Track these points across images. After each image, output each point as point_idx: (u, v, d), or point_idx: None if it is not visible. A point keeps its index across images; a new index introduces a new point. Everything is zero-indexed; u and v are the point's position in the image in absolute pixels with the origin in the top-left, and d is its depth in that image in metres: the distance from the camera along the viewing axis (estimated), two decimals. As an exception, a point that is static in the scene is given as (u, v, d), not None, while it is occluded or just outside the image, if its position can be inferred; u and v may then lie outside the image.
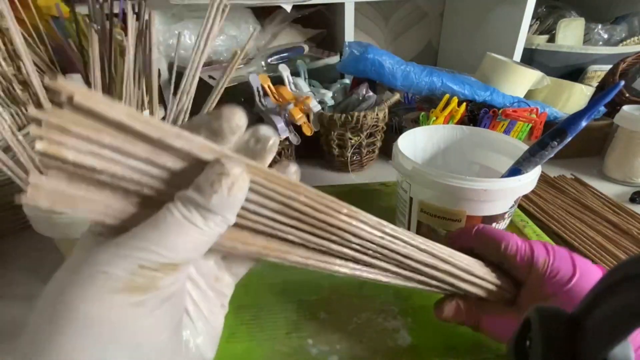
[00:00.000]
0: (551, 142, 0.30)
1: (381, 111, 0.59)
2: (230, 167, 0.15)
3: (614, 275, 0.15)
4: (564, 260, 0.25)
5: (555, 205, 0.51)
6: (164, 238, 0.14)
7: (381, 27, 0.99)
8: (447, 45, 1.01)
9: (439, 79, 0.60)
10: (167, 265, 0.15)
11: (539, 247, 0.26)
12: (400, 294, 0.35)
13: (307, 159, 0.68)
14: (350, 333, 0.32)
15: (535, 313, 0.17)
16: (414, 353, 0.30)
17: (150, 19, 0.35)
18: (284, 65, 0.62)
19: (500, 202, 0.33)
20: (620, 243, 0.43)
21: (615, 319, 0.14)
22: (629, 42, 0.81)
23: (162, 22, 0.65)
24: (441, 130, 0.44)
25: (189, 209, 0.15)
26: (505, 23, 0.76)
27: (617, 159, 0.60)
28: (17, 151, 0.29)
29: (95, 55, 0.37)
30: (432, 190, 0.34)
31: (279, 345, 0.31)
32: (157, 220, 0.15)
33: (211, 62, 0.70)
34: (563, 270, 0.24)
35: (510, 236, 0.27)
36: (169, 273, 0.15)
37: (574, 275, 0.24)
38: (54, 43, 0.53)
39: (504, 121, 0.57)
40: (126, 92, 0.37)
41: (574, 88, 0.69)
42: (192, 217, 0.15)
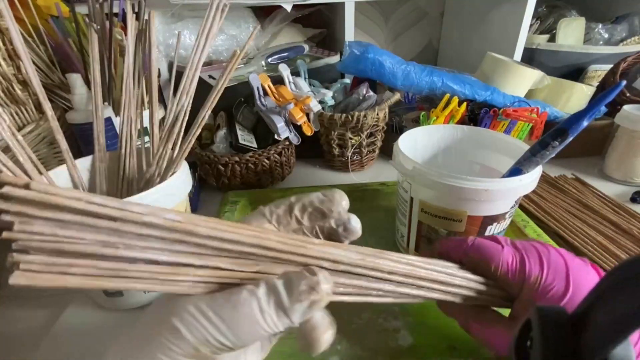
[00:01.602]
0: (552, 142, 0.30)
1: (381, 111, 0.59)
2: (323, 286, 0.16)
3: (614, 275, 0.15)
4: (558, 276, 0.24)
5: (556, 205, 0.51)
6: (236, 323, 0.16)
7: (381, 27, 0.99)
8: (448, 44, 1.01)
9: (439, 79, 0.60)
10: (228, 348, 0.16)
11: (533, 261, 0.25)
12: (401, 294, 0.35)
13: (307, 159, 0.68)
14: (351, 333, 0.31)
15: (535, 313, 0.17)
16: (414, 353, 0.30)
17: (150, 19, 0.34)
18: (284, 64, 0.62)
19: (501, 202, 0.33)
20: (620, 243, 0.43)
21: (616, 319, 0.14)
22: (630, 41, 0.81)
23: (162, 22, 0.65)
24: (442, 130, 0.44)
25: (268, 302, 0.16)
26: (506, 22, 0.76)
27: (617, 158, 0.59)
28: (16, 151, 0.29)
29: (95, 55, 0.37)
30: (433, 190, 0.34)
31: (279, 345, 0.30)
32: (237, 301, 0.16)
33: (211, 61, 0.70)
34: (556, 287, 0.23)
35: (499, 254, 0.25)
36: (225, 352, 0.16)
37: (566, 292, 0.23)
38: (54, 43, 0.53)
39: (504, 121, 0.57)
40: (126, 92, 0.37)
41: (575, 88, 0.68)
42: (267, 312, 0.16)
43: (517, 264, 0.25)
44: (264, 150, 0.56)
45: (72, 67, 0.52)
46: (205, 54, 0.33)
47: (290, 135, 0.57)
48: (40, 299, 0.39)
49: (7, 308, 0.38)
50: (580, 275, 0.24)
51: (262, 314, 0.16)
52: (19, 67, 0.45)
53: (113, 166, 0.39)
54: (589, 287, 0.23)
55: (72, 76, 0.45)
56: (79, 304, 0.37)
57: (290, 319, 0.16)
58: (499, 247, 0.26)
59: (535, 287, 0.24)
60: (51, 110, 0.32)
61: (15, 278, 0.13)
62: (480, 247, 0.26)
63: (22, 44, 0.29)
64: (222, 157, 0.54)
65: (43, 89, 0.31)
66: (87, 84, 0.48)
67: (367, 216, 0.48)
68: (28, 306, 0.38)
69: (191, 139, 0.34)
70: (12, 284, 0.13)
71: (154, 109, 0.36)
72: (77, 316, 0.36)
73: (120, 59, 0.50)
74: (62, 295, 0.39)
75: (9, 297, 0.40)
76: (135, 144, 0.39)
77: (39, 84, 0.31)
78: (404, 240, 0.40)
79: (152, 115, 0.36)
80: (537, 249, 0.25)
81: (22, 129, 0.46)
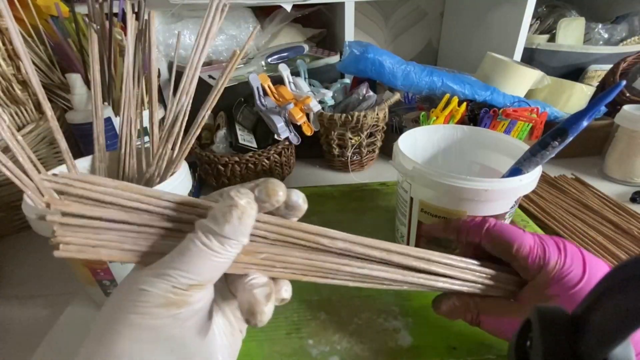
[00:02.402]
0: (552, 142, 0.30)
1: (381, 111, 0.59)
2: (238, 199, 0.18)
3: (615, 275, 0.15)
4: (576, 262, 0.24)
5: (556, 205, 0.51)
6: (190, 265, 0.18)
7: (381, 27, 0.99)
8: (447, 44, 1.01)
9: (439, 79, 0.60)
10: (195, 285, 0.18)
11: (552, 247, 0.25)
12: (401, 294, 0.35)
13: (307, 159, 0.68)
14: (350, 333, 0.31)
15: (535, 313, 0.17)
16: (414, 353, 0.30)
17: (149, 19, 0.34)
18: (284, 64, 0.62)
19: (501, 202, 0.33)
20: (620, 243, 0.43)
21: (616, 319, 0.14)
22: (630, 41, 0.81)
23: (161, 22, 0.65)
24: (441, 130, 0.44)
25: (208, 237, 0.18)
26: (506, 22, 0.76)
27: (617, 158, 0.59)
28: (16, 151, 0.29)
29: (94, 55, 0.37)
30: (433, 190, 0.34)
31: (280, 346, 0.30)
32: (183, 249, 0.18)
33: (211, 61, 0.70)
34: (573, 273, 0.24)
35: (522, 236, 0.26)
36: (197, 291, 0.18)
37: (582, 279, 0.24)
38: (54, 43, 0.53)
39: (504, 121, 0.57)
40: (126, 92, 0.37)
41: (575, 88, 0.68)
42: (211, 244, 0.18)
43: (539, 248, 0.25)
44: (263, 150, 0.56)
45: (72, 67, 0.52)
46: (205, 54, 0.33)
47: (290, 135, 0.57)
48: (40, 298, 0.39)
49: (7, 308, 0.38)
50: (596, 265, 0.25)
51: (208, 247, 0.18)
52: (18, 67, 0.45)
53: (113, 166, 0.39)
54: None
55: (71, 76, 0.45)
56: (79, 304, 0.37)
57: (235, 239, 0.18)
58: (520, 230, 0.27)
59: (554, 272, 0.24)
60: (51, 110, 0.32)
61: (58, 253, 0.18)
62: (503, 228, 0.27)
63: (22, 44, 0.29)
64: (222, 157, 0.54)
65: (43, 89, 0.31)
66: (87, 84, 0.48)
67: (367, 216, 0.48)
68: (28, 306, 0.38)
69: (191, 139, 0.34)
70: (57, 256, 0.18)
71: (154, 109, 0.36)
72: (77, 316, 0.36)
73: (120, 59, 0.50)
74: (62, 295, 0.39)
75: (9, 297, 0.40)
76: (135, 144, 0.39)
77: (39, 84, 0.31)
78: (403, 240, 0.40)
79: (152, 115, 0.36)
80: (552, 238, 0.26)
81: (22, 129, 0.46)
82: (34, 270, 0.43)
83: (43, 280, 0.42)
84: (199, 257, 0.18)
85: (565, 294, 0.24)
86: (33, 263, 0.44)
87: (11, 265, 0.44)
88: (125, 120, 0.38)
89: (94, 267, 0.32)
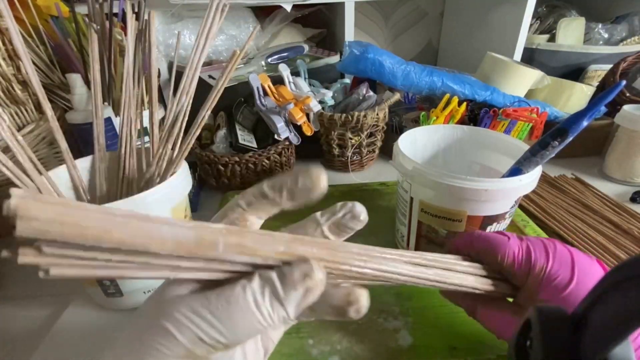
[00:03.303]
0: (552, 142, 0.30)
1: (381, 111, 0.59)
2: (317, 273, 0.16)
3: (614, 275, 0.15)
4: (564, 266, 0.24)
5: (556, 205, 0.51)
6: (230, 319, 0.15)
7: (381, 27, 0.99)
8: (448, 44, 1.01)
9: (439, 79, 0.60)
10: (222, 344, 0.16)
11: (539, 251, 0.25)
12: (401, 294, 0.35)
13: (307, 159, 0.68)
14: (351, 333, 0.31)
15: (535, 313, 0.17)
16: (414, 353, 0.30)
17: (149, 19, 0.34)
18: (284, 64, 0.62)
19: (501, 202, 0.33)
20: (620, 243, 0.43)
21: (616, 319, 0.14)
22: (630, 41, 0.81)
23: (161, 22, 0.65)
24: (441, 130, 0.44)
25: (263, 294, 0.16)
26: (506, 22, 0.76)
27: (617, 158, 0.59)
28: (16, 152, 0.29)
29: (95, 55, 0.37)
30: (433, 190, 0.34)
31: (280, 346, 0.30)
32: (231, 296, 0.16)
33: (211, 61, 0.70)
34: (561, 277, 0.24)
35: (505, 245, 0.26)
36: (220, 350, 0.16)
37: (571, 282, 0.23)
38: (54, 43, 0.53)
39: (504, 121, 0.57)
40: (126, 92, 0.37)
41: (575, 87, 0.68)
42: (263, 304, 0.16)
43: (523, 254, 0.25)
44: (263, 150, 0.56)
45: (72, 67, 0.52)
46: (205, 54, 0.33)
47: (290, 135, 0.57)
48: (40, 298, 0.39)
49: (7, 308, 0.38)
50: (585, 266, 0.24)
51: (257, 306, 0.16)
52: (18, 67, 0.45)
53: (113, 166, 0.39)
54: (593, 279, 0.23)
55: (72, 76, 0.45)
56: (79, 304, 0.37)
57: (286, 310, 0.16)
58: (505, 238, 0.26)
59: (541, 276, 0.24)
60: (51, 110, 0.32)
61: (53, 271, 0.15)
62: (487, 238, 0.27)
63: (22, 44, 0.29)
64: (222, 157, 0.54)
65: (43, 89, 0.31)
66: (87, 84, 0.48)
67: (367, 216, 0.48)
68: (28, 306, 0.38)
69: (191, 139, 0.34)
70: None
71: (154, 109, 0.36)
72: (77, 316, 0.36)
73: (120, 59, 0.50)
74: (62, 295, 0.39)
75: (9, 297, 0.40)
76: (135, 144, 0.39)
77: (39, 84, 0.31)
78: (403, 240, 0.40)
79: (152, 115, 0.36)
80: (542, 241, 0.26)
81: (22, 129, 0.46)
82: (34, 270, 0.43)
83: (43, 280, 0.41)
84: (242, 313, 0.15)
85: (556, 297, 0.24)
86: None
87: (11, 265, 0.44)
88: (125, 120, 0.38)
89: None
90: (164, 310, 0.16)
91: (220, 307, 0.15)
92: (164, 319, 0.15)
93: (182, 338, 0.15)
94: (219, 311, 0.15)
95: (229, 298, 0.16)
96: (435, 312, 0.34)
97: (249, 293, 0.16)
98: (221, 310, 0.15)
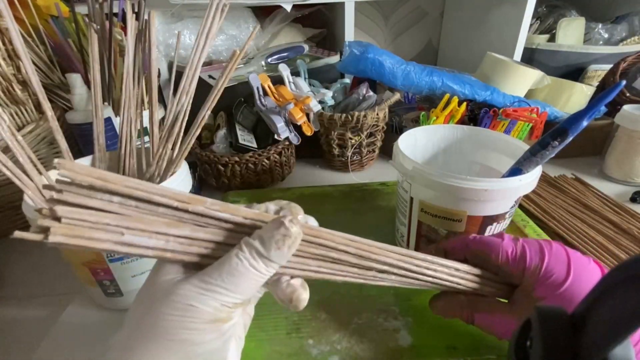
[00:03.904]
0: (552, 142, 0.30)
1: (381, 111, 0.59)
2: (291, 228, 0.19)
3: (614, 275, 0.15)
4: (559, 264, 0.24)
5: (556, 205, 0.51)
6: (239, 285, 0.19)
7: (381, 27, 0.99)
8: (447, 44, 1.01)
9: (439, 79, 0.60)
10: (239, 303, 0.19)
11: (533, 249, 0.26)
12: (401, 294, 0.35)
13: (307, 159, 0.68)
14: (350, 333, 0.31)
15: (535, 313, 0.17)
16: (414, 353, 0.30)
17: (149, 19, 0.34)
18: (283, 64, 0.62)
19: (501, 202, 0.33)
20: (620, 243, 0.43)
21: (616, 319, 0.14)
22: (630, 41, 0.81)
23: (161, 22, 0.65)
24: (441, 130, 0.44)
25: (254, 258, 0.19)
26: (506, 22, 0.76)
27: (617, 158, 0.59)
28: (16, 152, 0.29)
29: (95, 55, 0.37)
30: (433, 190, 0.34)
31: (280, 346, 0.30)
32: (232, 270, 0.19)
33: (211, 61, 0.70)
34: (556, 274, 0.24)
35: (499, 245, 0.26)
36: (238, 307, 0.20)
37: (566, 279, 0.24)
38: (54, 43, 0.53)
39: (504, 121, 0.57)
40: (126, 92, 0.37)
41: (575, 87, 0.68)
42: (257, 265, 0.19)
43: (517, 253, 0.26)
44: (263, 150, 0.56)
45: (72, 67, 0.52)
46: (205, 54, 0.33)
47: (290, 135, 0.57)
48: (40, 298, 0.39)
49: (7, 308, 0.38)
50: (581, 264, 0.25)
51: (254, 267, 0.19)
52: (18, 67, 0.45)
53: (113, 166, 0.39)
54: (589, 277, 0.24)
55: (72, 76, 0.45)
56: (79, 304, 0.37)
57: (278, 263, 0.19)
58: (499, 239, 0.27)
59: (536, 273, 0.25)
60: (51, 110, 0.32)
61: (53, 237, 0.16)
62: (481, 240, 0.28)
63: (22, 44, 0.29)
64: (222, 157, 0.54)
65: (43, 89, 0.31)
66: (87, 84, 0.48)
67: (367, 216, 0.48)
68: (28, 306, 0.38)
69: (191, 139, 0.34)
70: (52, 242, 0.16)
71: (154, 109, 0.36)
72: (77, 316, 0.36)
73: (120, 59, 0.50)
74: (62, 295, 0.39)
75: (9, 297, 0.40)
76: (135, 144, 0.39)
77: (39, 84, 0.31)
78: (403, 240, 0.40)
79: (152, 115, 0.36)
80: (537, 241, 0.26)
81: (22, 129, 0.46)
82: (34, 270, 0.43)
83: (43, 280, 0.42)
84: (246, 277, 0.19)
85: (552, 294, 0.24)
86: (33, 263, 0.44)
87: (11, 265, 0.44)
88: (125, 120, 0.38)
89: (94, 267, 0.32)
90: (178, 292, 0.18)
91: (226, 279, 0.18)
92: (183, 299, 0.18)
93: (207, 307, 0.18)
94: (226, 283, 0.18)
95: (230, 270, 0.19)
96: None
97: (244, 259, 0.19)
98: (228, 281, 0.18)
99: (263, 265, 0.19)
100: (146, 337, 0.18)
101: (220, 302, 0.18)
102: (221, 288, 0.18)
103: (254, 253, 0.19)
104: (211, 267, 0.19)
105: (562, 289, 0.23)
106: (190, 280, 0.19)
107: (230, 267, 0.19)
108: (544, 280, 0.24)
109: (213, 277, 0.18)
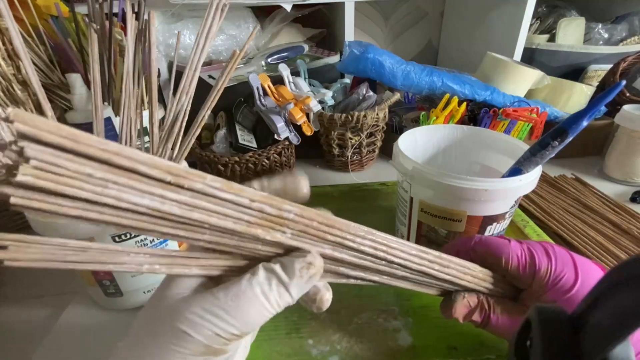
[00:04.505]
0: (552, 142, 0.30)
1: (381, 111, 0.59)
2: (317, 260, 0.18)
3: (614, 275, 0.15)
4: (567, 267, 0.24)
5: (556, 205, 0.51)
6: (242, 312, 0.17)
7: (381, 27, 0.99)
8: (448, 44, 1.01)
9: (439, 79, 0.60)
10: (237, 336, 0.17)
11: (540, 253, 0.25)
12: (401, 294, 0.35)
13: (307, 159, 0.68)
14: (350, 333, 0.31)
15: (535, 313, 0.17)
16: (414, 353, 0.30)
17: (149, 19, 0.34)
18: (283, 64, 0.62)
19: (501, 202, 0.33)
20: (620, 243, 0.43)
21: (615, 319, 0.14)
22: (630, 41, 0.81)
23: (161, 22, 0.65)
24: (441, 130, 0.44)
25: (269, 284, 0.17)
26: (506, 22, 0.76)
27: (617, 158, 0.59)
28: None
29: (94, 55, 0.37)
30: (433, 190, 0.34)
31: (280, 346, 0.30)
32: (239, 291, 0.17)
33: (211, 61, 0.70)
34: (565, 278, 0.24)
35: (508, 248, 0.26)
36: (235, 341, 0.17)
37: (576, 282, 0.23)
38: (54, 43, 0.53)
39: (504, 121, 0.57)
40: (126, 92, 0.37)
41: (575, 87, 0.68)
42: (270, 293, 0.17)
43: (527, 257, 0.25)
44: (263, 150, 0.56)
45: (72, 67, 0.52)
46: (205, 54, 0.33)
47: (290, 135, 0.57)
48: (40, 298, 0.39)
49: (7, 308, 0.38)
50: (586, 266, 0.24)
51: (265, 296, 0.17)
52: (18, 67, 0.45)
53: (113, 166, 0.39)
54: (595, 278, 0.23)
55: (72, 76, 0.45)
56: (79, 304, 0.37)
57: (292, 296, 0.18)
58: (507, 241, 0.26)
59: (546, 278, 0.24)
60: (51, 111, 0.32)
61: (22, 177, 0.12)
62: (488, 242, 0.27)
63: (22, 44, 0.29)
64: (222, 157, 0.54)
65: (43, 89, 0.31)
66: (87, 84, 0.48)
67: (367, 216, 0.48)
68: (28, 306, 0.38)
69: (191, 139, 0.34)
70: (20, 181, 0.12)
71: (154, 109, 0.36)
72: (77, 316, 0.36)
73: (120, 59, 0.50)
74: (62, 295, 0.39)
75: (9, 297, 0.40)
76: (135, 144, 0.39)
77: (39, 84, 0.31)
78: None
79: (152, 115, 0.36)
80: (540, 244, 0.26)
81: (22, 129, 0.46)
82: (34, 270, 0.43)
83: (43, 280, 0.42)
84: (252, 304, 0.17)
85: (561, 299, 0.24)
86: (33, 263, 0.44)
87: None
88: (125, 120, 0.38)
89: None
90: (175, 313, 0.17)
91: (231, 302, 0.17)
92: (177, 322, 0.16)
93: (201, 337, 0.16)
94: (229, 306, 0.17)
95: (236, 292, 0.17)
96: (435, 312, 0.33)
97: (256, 285, 0.17)
98: (232, 305, 0.17)
99: (277, 293, 0.17)
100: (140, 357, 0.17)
101: (214, 331, 0.16)
102: (221, 311, 0.16)
103: (271, 278, 0.17)
104: (220, 286, 0.18)
105: (572, 292, 0.23)
106: (195, 297, 0.17)
107: (238, 290, 0.17)
108: (553, 284, 0.24)
109: (217, 298, 0.17)
